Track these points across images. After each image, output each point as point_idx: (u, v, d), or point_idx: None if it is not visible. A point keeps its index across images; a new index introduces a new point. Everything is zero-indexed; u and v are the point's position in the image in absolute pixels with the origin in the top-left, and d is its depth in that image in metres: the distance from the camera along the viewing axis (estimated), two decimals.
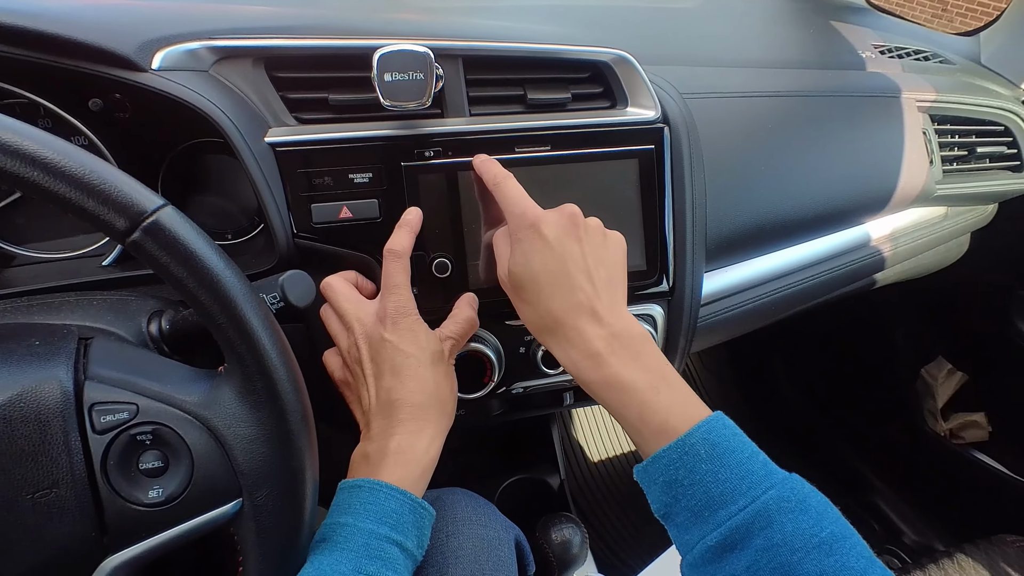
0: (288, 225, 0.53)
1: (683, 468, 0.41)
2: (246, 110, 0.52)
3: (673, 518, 0.42)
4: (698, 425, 0.42)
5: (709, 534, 0.39)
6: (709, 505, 0.40)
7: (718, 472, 0.40)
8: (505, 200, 0.51)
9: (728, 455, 0.41)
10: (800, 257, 0.81)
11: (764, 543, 0.37)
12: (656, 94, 0.61)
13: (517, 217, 0.50)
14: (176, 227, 0.33)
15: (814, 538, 0.37)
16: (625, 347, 0.46)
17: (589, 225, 0.51)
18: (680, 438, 0.42)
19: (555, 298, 0.48)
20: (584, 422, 1.40)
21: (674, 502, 0.42)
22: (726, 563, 0.39)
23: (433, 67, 0.51)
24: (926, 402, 1.30)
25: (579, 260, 0.48)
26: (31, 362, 0.34)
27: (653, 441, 0.43)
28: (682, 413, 0.43)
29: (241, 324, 0.34)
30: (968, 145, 0.96)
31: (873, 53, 0.96)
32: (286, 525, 0.38)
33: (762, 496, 0.39)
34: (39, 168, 0.29)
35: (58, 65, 0.47)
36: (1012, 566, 0.83)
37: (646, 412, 0.44)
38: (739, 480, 0.40)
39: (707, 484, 0.40)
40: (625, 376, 0.45)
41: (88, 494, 0.33)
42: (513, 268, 0.49)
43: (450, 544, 0.51)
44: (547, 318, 0.48)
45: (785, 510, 0.38)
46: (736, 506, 0.39)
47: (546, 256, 0.48)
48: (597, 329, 0.47)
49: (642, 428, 0.44)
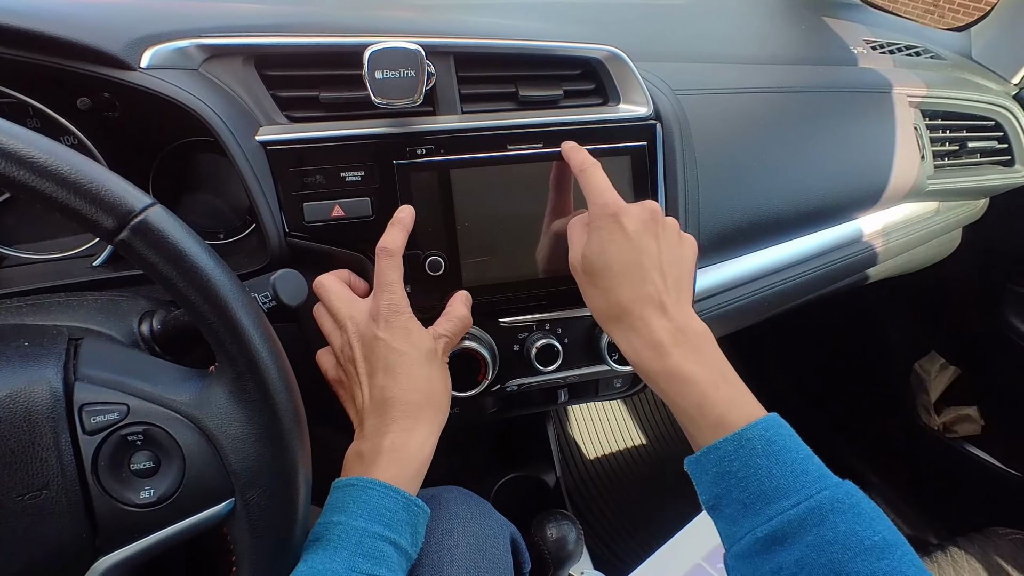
0: (280, 224, 0.53)
1: (738, 460, 0.41)
2: (236, 108, 0.52)
3: (722, 509, 0.43)
4: (756, 421, 0.43)
5: (759, 526, 0.40)
6: (761, 498, 0.40)
7: (772, 468, 0.40)
8: (589, 188, 0.53)
9: (784, 453, 0.41)
10: (792, 253, 0.81)
11: (816, 540, 0.38)
12: (648, 91, 0.62)
13: (599, 206, 0.51)
14: (165, 226, 0.32)
15: (866, 540, 0.37)
16: (688, 341, 0.48)
17: (667, 224, 0.53)
18: (737, 431, 0.42)
19: (625, 287, 0.49)
20: (580, 420, 1.40)
21: (725, 493, 0.42)
22: (774, 555, 0.39)
23: (424, 64, 0.51)
24: (919, 396, 1.30)
25: (654, 255, 0.50)
26: (20, 363, 0.33)
27: (709, 433, 0.44)
28: (740, 410, 0.44)
29: (231, 323, 0.34)
30: (959, 140, 0.96)
31: (865, 49, 0.96)
32: (279, 524, 0.38)
33: (816, 495, 0.39)
34: (26, 168, 0.29)
35: (46, 64, 0.47)
36: (1005, 559, 0.84)
37: (704, 405, 0.45)
38: (794, 478, 0.40)
39: (761, 478, 0.40)
40: (686, 368, 0.46)
41: (79, 495, 0.33)
42: (588, 254, 0.51)
43: (445, 542, 0.51)
44: (615, 306, 0.50)
45: (839, 510, 0.38)
46: (789, 502, 0.39)
47: (623, 246, 0.49)
48: (663, 321, 0.48)
49: (699, 420, 0.45)
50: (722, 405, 0.44)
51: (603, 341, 0.62)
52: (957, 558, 0.83)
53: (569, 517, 0.68)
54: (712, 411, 0.44)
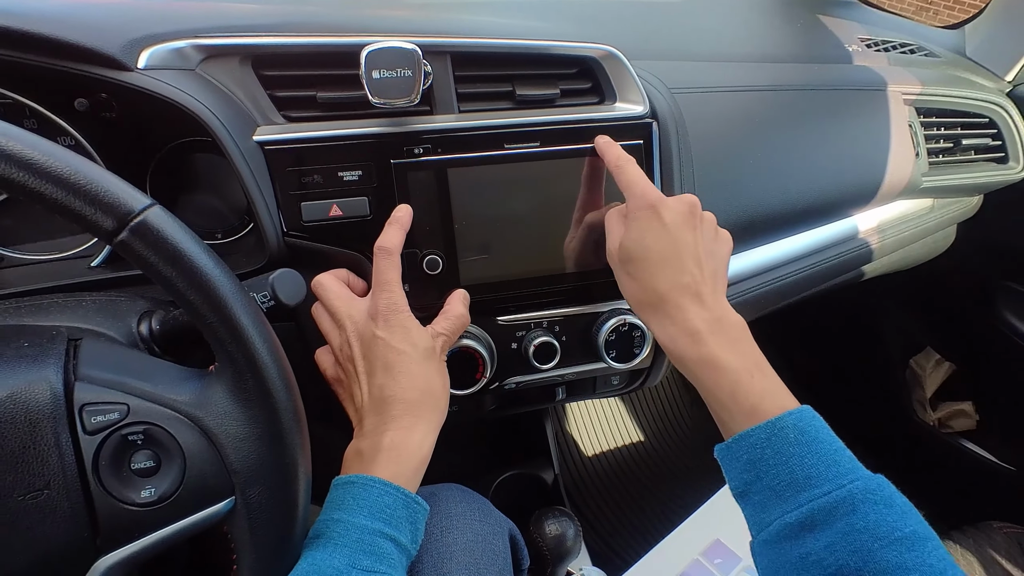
0: (278, 224, 0.53)
1: (770, 448, 0.42)
2: (234, 108, 0.52)
3: (751, 496, 0.43)
4: (790, 412, 0.43)
5: (790, 512, 0.40)
6: (792, 486, 0.41)
7: (804, 456, 0.41)
8: (628, 181, 0.54)
9: (816, 443, 0.42)
10: (788, 251, 0.81)
11: (846, 527, 0.38)
12: (644, 89, 0.62)
13: (638, 197, 0.52)
14: (164, 226, 0.33)
15: (897, 531, 0.37)
16: (724, 331, 0.48)
17: (705, 217, 0.54)
18: (771, 420, 0.43)
19: (662, 276, 0.50)
20: (578, 417, 1.41)
21: (755, 480, 0.43)
22: (803, 541, 0.39)
23: (421, 64, 0.51)
24: (914, 392, 1.31)
25: (691, 247, 0.51)
26: (20, 364, 0.34)
27: (742, 420, 0.44)
28: (773, 400, 0.45)
29: (231, 323, 0.34)
30: (953, 137, 0.97)
31: (859, 46, 0.97)
32: (279, 522, 0.38)
33: (848, 484, 0.39)
34: (24, 169, 0.29)
35: (43, 65, 0.47)
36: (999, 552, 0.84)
37: (738, 393, 0.45)
38: (825, 467, 0.40)
39: (792, 466, 0.41)
40: (722, 357, 0.47)
41: (80, 495, 0.33)
42: (626, 243, 0.52)
43: (445, 539, 0.52)
44: (651, 294, 0.51)
45: (871, 501, 0.39)
46: (820, 490, 0.40)
47: (661, 236, 0.50)
48: (699, 310, 0.49)
49: (733, 408, 0.45)
50: (756, 394, 0.45)
51: (600, 339, 0.63)
52: (952, 551, 0.84)
53: (567, 514, 0.68)
54: (746, 400, 0.45)
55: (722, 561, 0.86)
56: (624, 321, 0.63)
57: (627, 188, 0.54)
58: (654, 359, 0.69)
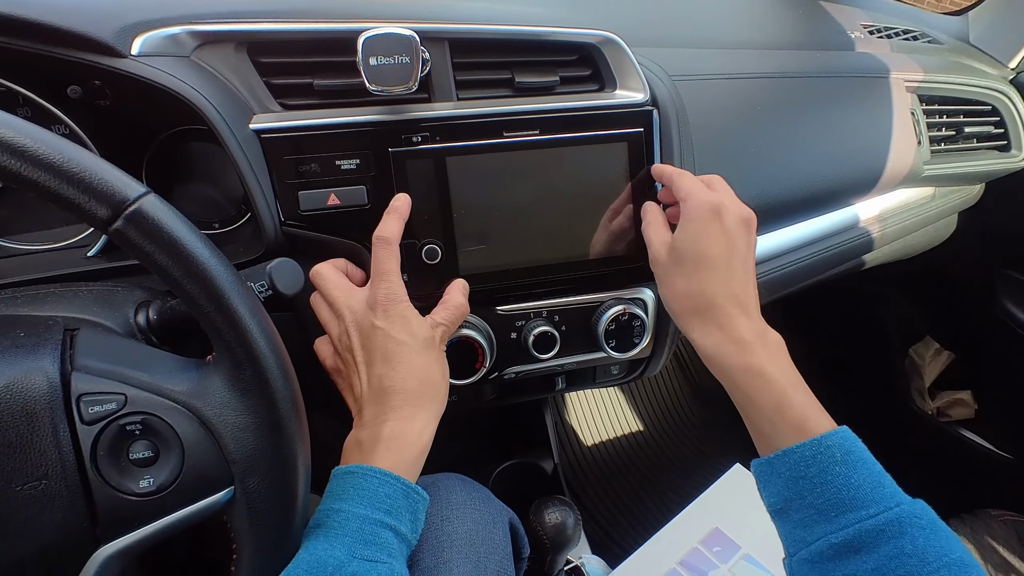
0: (275, 213, 0.53)
1: (815, 466, 0.42)
2: (229, 96, 0.51)
3: (791, 513, 0.43)
4: (835, 431, 0.43)
5: (835, 533, 0.40)
6: (837, 506, 0.40)
7: (851, 477, 0.41)
8: (687, 188, 0.53)
9: (861, 464, 0.42)
10: (788, 240, 0.81)
11: (894, 551, 0.38)
12: (645, 76, 0.61)
13: (698, 198, 0.52)
14: (159, 215, 0.32)
15: (945, 557, 0.37)
16: (767, 344, 0.49)
17: (754, 232, 0.54)
18: (817, 437, 0.43)
19: (713, 281, 0.50)
20: (577, 407, 1.41)
21: (797, 497, 0.42)
22: (848, 563, 0.39)
23: (419, 51, 0.50)
24: (913, 381, 1.32)
25: (744, 254, 0.52)
26: (17, 354, 0.33)
27: (788, 435, 0.44)
28: (817, 416, 0.45)
29: (228, 313, 0.34)
30: (956, 125, 0.96)
31: (862, 33, 0.96)
32: (279, 512, 0.38)
33: (895, 508, 0.39)
34: (18, 157, 0.28)
35: (36, 52, 0.46)
36: (996, 539, 0.85)
37: (784, 406, 0.45)
38: (871, 489, 0.40)
39: (838, 486, 0.41)
40: (768, 368, 0.47)
41: (78, 485, 0.33)
42: (679, 244, 0.52)
43: (445, 528, 0.52)
44: (700, 298, 0.51)
45: (918, 525, 0.39)
46: (867, 511, 0.40)
47: (719, 240, 0.51)
48: (745, 320, 0.50)
49: (778, 421, 0.45)
50: (801, 409, 0.45)
51: (600, 328, 0.62)
52: None
53: (567, 503, 0.69)
54: (792, 413, 0.45)
55: (721, 549, 0.86)
56: (624, 311, 0.62)
57: (686, 190, 0.53)
58: (654, 349, 0.69)
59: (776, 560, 0.47)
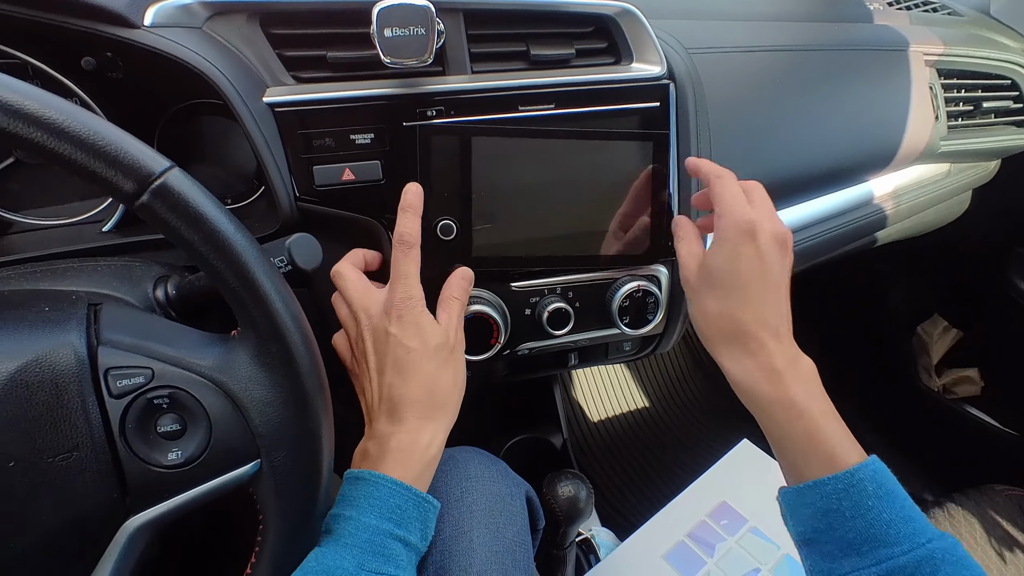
0: (290, 188, 0.53)
1: (848, 499, 0.41)
2: (242, 68, 0.51)
3: (820, 545, 0.43)
4: (867, 462, 0.42)
5: (867, 568, 0.40)
6: (869, 540, 0.40)
7: (882, 511, 0.40)
8: (726, 198, 0.51)
9: (893, 498, 0.41)
10: (802, 216, 0.80)
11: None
12: (662, 49, 0.60)
13: (734, 216, 0.49)
14: (185, 189, 0.32)
15: None
16: (799, 371, 0.47)
17: (790, 253, 0.51)
18: (849, 470, 0.42)
19: (748, 306, 0.48)
20: (585, 383, 1.42)
21: (828, 529, 0.42)
22: None
23: (435, 22, 0.49)
24: (920, 359, 1.32)
25: (778, 277, 0.49)
26: (44, 327, 0.33)
27: (819, 467, 0.43)
28: (849, 447, 0.44)
29: (254, 288, 0.34)
30: (974, 100, 0.94)
31: (880, 4, 0.94)
32: (304, 485, 0.39)
33: (927, 544, 0.39)
34: (43, 129, 0.28)
35: (47, 22, 0.46)
36: (1000, 514, 0.86)
37: (816, 437, 0.44)
38: (903, 523, 0.40)
39: (870, 520, 0.40)
40: (801, 398, 0.45)
41: (108, 457, 0.34)
42: (712, 265, 0.50)
43: (465, 500, 0.52)
44: (732, 324, 0.48)
45: (951, 562, 0.39)
46: (900, 548, 0.39)
47: (753, 262, 0.48)
48: (777, 346, 0.47)
49: (809, 452, 0.44)
50: (832, 440, 0.44)
51: (615, 305, 0.62)
52: (954, 514, 0.86)
53: (580, 476, 0.69)
54: (823, 445, 0.44)
55: (728, 522, 0.87)
56: (639, 287, 0.62)
57: (725, 203, 0.51)
58: (666, 325, 0.69)
59: (782, 532, 0.48)
